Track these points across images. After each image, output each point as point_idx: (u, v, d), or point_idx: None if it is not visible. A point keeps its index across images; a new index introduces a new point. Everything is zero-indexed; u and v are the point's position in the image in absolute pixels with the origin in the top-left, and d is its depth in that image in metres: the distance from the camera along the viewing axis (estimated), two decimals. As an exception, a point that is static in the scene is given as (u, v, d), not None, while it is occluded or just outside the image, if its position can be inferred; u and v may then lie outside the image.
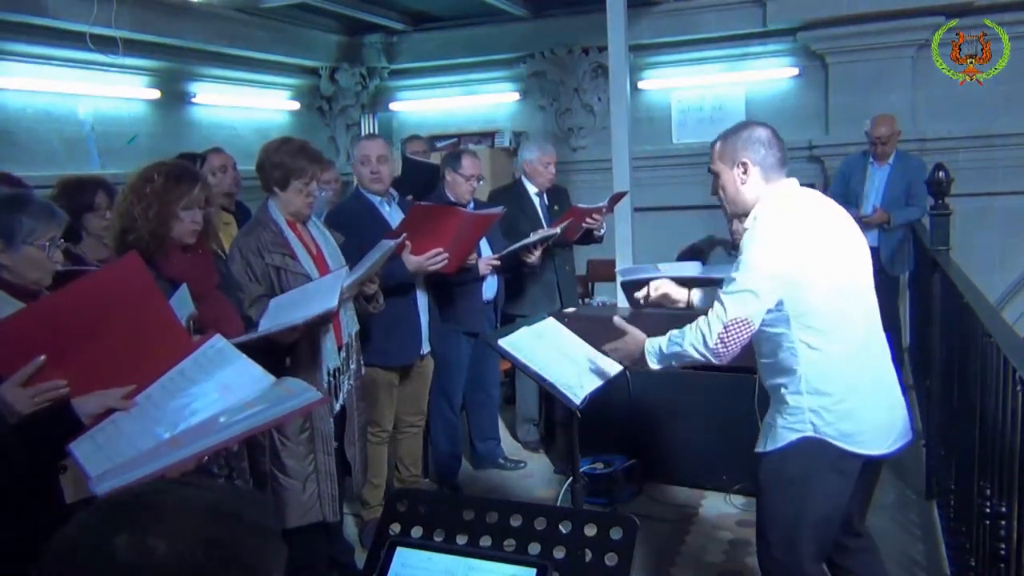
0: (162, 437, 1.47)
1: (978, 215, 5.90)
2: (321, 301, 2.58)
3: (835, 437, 2.19)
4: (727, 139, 2.32)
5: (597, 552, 1.36)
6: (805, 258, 2.15)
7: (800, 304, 2.16)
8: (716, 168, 2.35)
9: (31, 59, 5.34)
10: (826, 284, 2.17)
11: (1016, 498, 2.06)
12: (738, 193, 2.30)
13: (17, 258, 1.87)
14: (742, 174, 2.27)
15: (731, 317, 2.16)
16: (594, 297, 5.92)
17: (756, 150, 2.26)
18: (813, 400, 2.20)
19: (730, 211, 2.37)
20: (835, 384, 2.19)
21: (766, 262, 2.15)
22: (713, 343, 2.19)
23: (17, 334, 1.62)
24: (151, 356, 1.61)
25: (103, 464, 1.44)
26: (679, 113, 6.99)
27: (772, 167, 2.27)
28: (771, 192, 2.26)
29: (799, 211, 2.23)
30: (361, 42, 7.62)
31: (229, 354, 1.61)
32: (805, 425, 2.21)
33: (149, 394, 1.57)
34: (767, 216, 2.22)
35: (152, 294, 1.69)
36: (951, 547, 3.12)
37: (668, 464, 4.13)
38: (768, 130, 2.30)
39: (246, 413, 1.45)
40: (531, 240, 4.08)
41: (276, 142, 2.97)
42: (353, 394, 3.00)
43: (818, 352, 2.18)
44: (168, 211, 2.39)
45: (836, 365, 2.19)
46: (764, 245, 2.17)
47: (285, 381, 1.55)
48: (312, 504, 2.85)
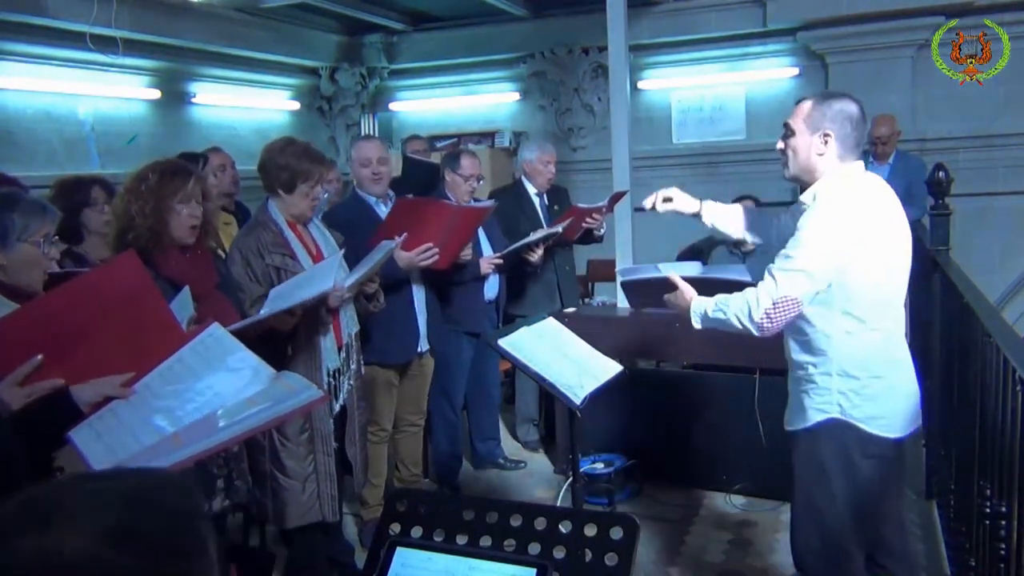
0: (162, 428, 1.47)
1: (978, 215, 5.90)
2: (316, 284, 2.59)
3: (861, 420, 2.21)
4: (819, 104, 2.25)
5: (597, 552, 1.36)
6: (860, 247, 2.15)
7: (846, 290, 2.17)
8: (796, 127, 2.27)
9: (31, 59, 5.34)
10: (874, 274, 2.18)
11: (1016, 498, 2.06)
12: (809, 161, 2.26)
13: (12, 257, 1.86)
14: (821, 144, 2.23)
15: (781, 294, 2.16)
16: (594, 297, 5.92)
17: (843, 125, 2.22)
18: (843, 383, 2.21)
19: (791, 171, 2.32)
20: (866, 369, 2.21)
21: (825, 245, 2.14)
22: (759, 317, 2.18)
23: (14, 334, 1.62)
24: (148, 354, 1.61)
25: (104, 456, 1.44)
26: (679, 113, 6.99)
27: (850, 147, 2.24)
28: (839, 171, 2.24)
29: (861, 198, 2.21)
30: (361, 42, 7.62)
31: (227, 342, 1.60)
32: (833, 407, 2.23)
33: (147, 383, 1.56)
34: (830, 198, 2.19)
35: (149, 292, 1.69)
36: (951, 547, 3.12)
37: (668, 464, 4.13)
38: (859, 108, 2.25)
39: (248, 412, 1.45)
40: (533, 239, 4.08)
41: (280, 143, 2.96)
42: (353, 394, 3.00)
43: (853, 337, 2.19)
44: (164, 206, 2.40)
45: (869, 351, 2.20)
46: (825, 228, 2.15)
47: (286, 376, 1.55)
48: (312, 504, 2.85)
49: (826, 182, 2.24)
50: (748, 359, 3.88)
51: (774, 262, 2.22)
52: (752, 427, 3.84)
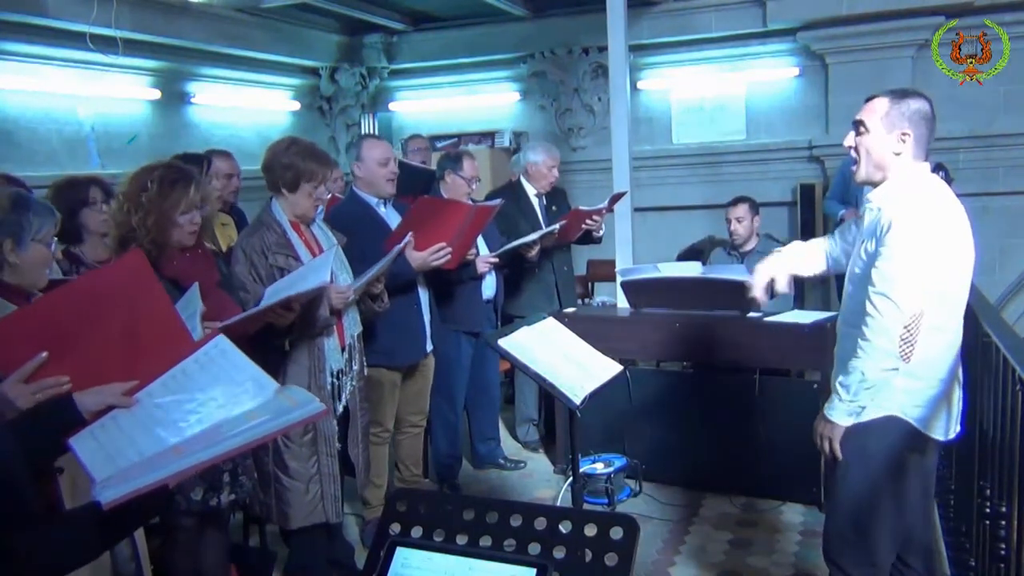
0: (164, 440, 1.46)
1: (978, 215, 5.83)
2: (312, 278, 2.59)
3: (917, 419, 2.21)
4: (897, 102, 2.19)
5: (597, 552, 1.35)
6: (946, 256, 2.14)
7: (928, 299, 2.14)
8: (870, 124, 2.20)
9: (31, 59, 5.34)
10: (953, 283, 2.18)
11: (1016, 498, 2.06)
12: (884, 159, 2.20)
13: (25, 256, 1.89)
14: (899, 143, 2.18)
15: (909, 313, 2.10)
16: (594, 297, 5.92)
17: (920, 125, 2.18)
18: (908, 382, 2.20)
19: (863, 172, 2.25)
20: (930, 371, 2.20)
21: (922, 254, 2.10)
22: (899, 348, 2.11)
23: (19, 332, 1.62)
24: (153, 354, 1.61)
25: (106, 466, 1.43)
26: (679, 113, 6.98)
27: (923, 146, 2.21)
28: (913, 173, 2.20)
29: (942, 206, 2.18)
30: (361, 42, 7.62)
31: (232, 355, 1.60)
32: (894, 404, 2.21)
33: (150, 391, 1.56)
34: (912, 207, 2.14)
35: (155, 292, 1.69)
36: (951, 547, 3.12)
37: (668, 464, 4.13)
38: (931, 106, 2.22)
39: (249, 424, 1.44)
40: (528, 239, 4.09)
41: (284, 143, 2.95)
42: (356, 395, 3.00)
43: (923, 338, 2.16)
44: (167, 219, 2.40)
45: (935, 354, 2.19)
46: (919, 237, 2.11)
47: (289, 390, 1.54)
48: (316, 505, 2.85)
49: (899, 184, 2.20)
50: (748, 359, 3.88)
51: (873, 284, 2.14)
52: (752, 427, 3.84)
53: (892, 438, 2.22)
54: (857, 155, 2.25)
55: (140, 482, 1.37)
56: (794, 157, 6.42)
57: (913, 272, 2.10)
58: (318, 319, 2.80)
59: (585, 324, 3.68)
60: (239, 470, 2.60)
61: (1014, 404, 2.04)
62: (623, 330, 4.23)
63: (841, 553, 2.33)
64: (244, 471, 2.63)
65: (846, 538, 2.31)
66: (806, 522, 3.70)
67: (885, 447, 2.23)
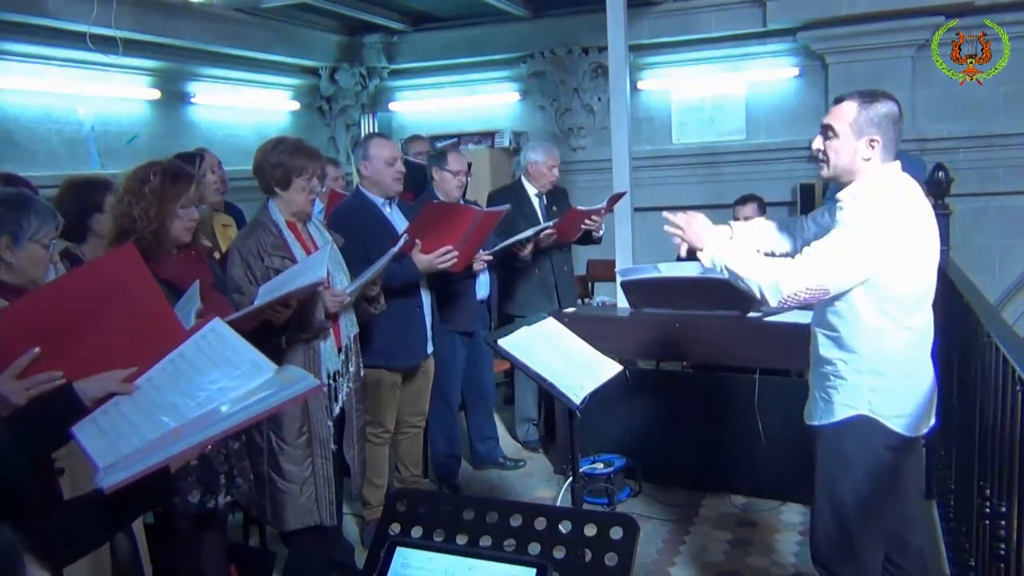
0: (165, 423, 1.47)
1: (977, 215, 5.90)
2: (308, 275, 2.59)
3: (887, 418, 2.22)
4: (864, 108, 2.20)
5: (597, 552, 1.36)
6: (900, 246, 2.15)
7: (883, 289, 2.17)
8: (839, 129, 2.22)
9: (31, 59, 5.34)
10: (912, 274, 2.19)
11: (1016, 498, 2.06)
12: (853, 163, 2.22)
13: (21, 256, 1.90)
14: (867, 149, 2.20)
15: (818, 283, 2.15)
16: (594, 297, 5.92)
17: (889, 130, 2.20)
18: (873, 380, 2.22)
19: (830, 173, 2.28)
20: (895, 367, 2.22)
21: (865, 241, 2.13)
22: (784, 296, 2.17)
23: (11, 326, 1.62)
24: (148, 347, 1.61)
25: (109, 453, 1.44)
26: (679, 113, 6.98)
27: (891, 149, 2.23)
28: (882, 174, 2.22)
29: (902, 198, 2.20)
30: (361, 42, 7.62)
31: (228, 337, 1.60)
32: (862, 403, 2.24)
33: (150, 377, 1.56)
34: (872, 195, 2.18)
35: (147, 284, 1.68)
36: (951, 547, 3.12)
37: (668, 464, 4.13)
38: (898, 108, 2.24)
39: (247, 402, 1.46)
40: (521, 236, 4.09)
41: (270, 143, 2.95)
42: (352, 397, 3.00)
43: (886, 335, 2.20)
44: (167, 210, 2.44)
45: (900, 350, 2.21)
46: (866, 223, 2.14)
47: (285, 369, 1.56)
48: (310, 507, 2.85)
49: (867, 181, 2.22)
50: (748, 359, 3.88)
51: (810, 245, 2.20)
52: (752, 427, 3.84)
53: (864, 438, 2.24)
54: (825, 157, 2.28)
55: (142, 464, 1.39)
56: (794, 157, 6.41)
57: (841, 251, 2.13)
58: (314, 322, 2.80)
59: (585, 324, 3.68)
60: (235, 472, 2.60)
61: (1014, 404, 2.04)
62: (623, 330, 4.23)
63: (829, 556, 2.33)
64: (240, 473, 2.63)
65: (832, 540, 2.32)
66: (806, 522, 3.68)
67: (860, 447, 2.24)
